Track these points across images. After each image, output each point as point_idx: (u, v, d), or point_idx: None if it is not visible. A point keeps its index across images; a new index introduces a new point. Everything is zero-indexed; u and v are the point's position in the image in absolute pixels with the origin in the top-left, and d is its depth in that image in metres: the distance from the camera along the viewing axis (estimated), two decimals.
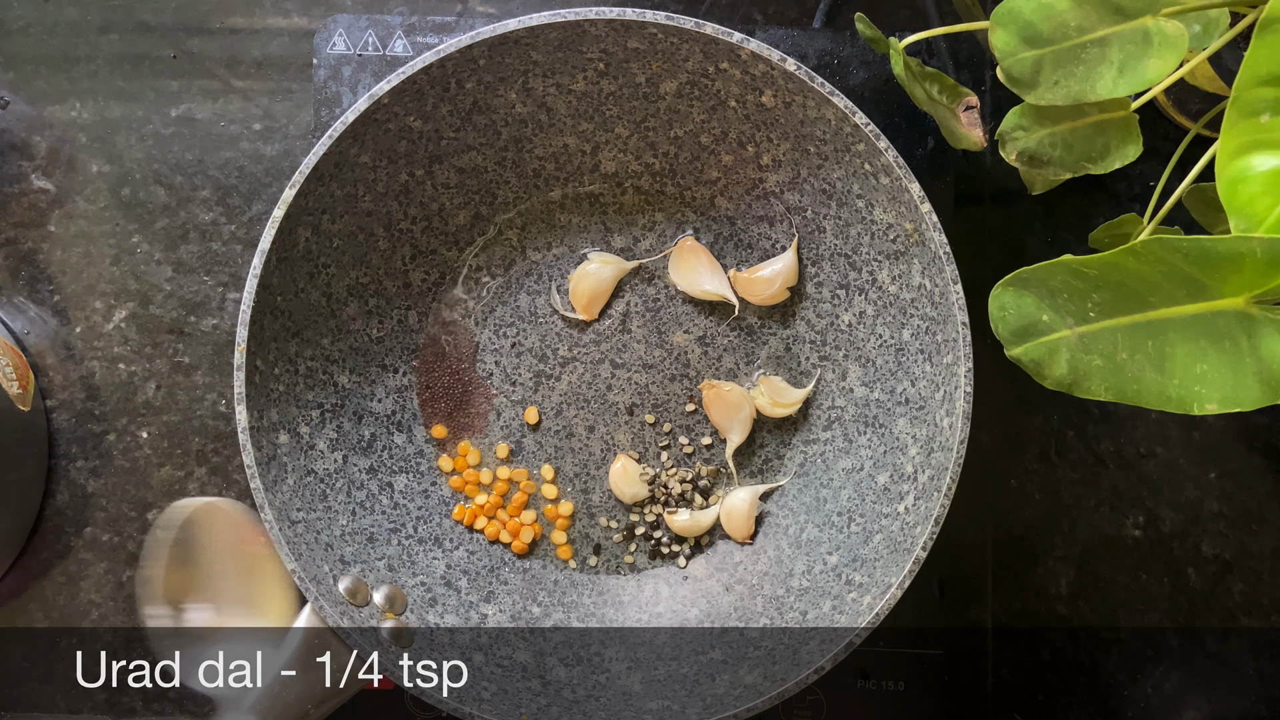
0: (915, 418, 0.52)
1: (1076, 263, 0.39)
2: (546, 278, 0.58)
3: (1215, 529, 0.59)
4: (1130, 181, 0.60)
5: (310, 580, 0.49)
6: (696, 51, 0.51)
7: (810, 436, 0.58)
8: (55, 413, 0.59)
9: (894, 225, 0.52)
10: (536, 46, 0.51)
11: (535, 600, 0.57)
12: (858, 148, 0.50)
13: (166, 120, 0.60)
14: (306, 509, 0.51)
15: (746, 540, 0.57)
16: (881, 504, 0.53)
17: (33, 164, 0.60)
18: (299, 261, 0.52)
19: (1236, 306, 0.38)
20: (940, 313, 0.50)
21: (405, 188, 0.55)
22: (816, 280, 0.57)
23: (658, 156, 0.57)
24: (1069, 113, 0.47)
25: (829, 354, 0.57)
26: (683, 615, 0.56)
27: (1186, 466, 0.60)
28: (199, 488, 0.59)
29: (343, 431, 0.55)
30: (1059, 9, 0.44)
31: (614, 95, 0.54)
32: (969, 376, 0.48)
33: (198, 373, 0.60)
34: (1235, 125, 0.37)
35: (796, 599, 0.53)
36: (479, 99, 0.53)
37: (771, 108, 0.52)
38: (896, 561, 0.49)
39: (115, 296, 0.60)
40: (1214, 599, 0.59)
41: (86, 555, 0.59)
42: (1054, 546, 0.60)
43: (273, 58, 0.60)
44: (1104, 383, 0.41)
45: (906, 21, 0.60)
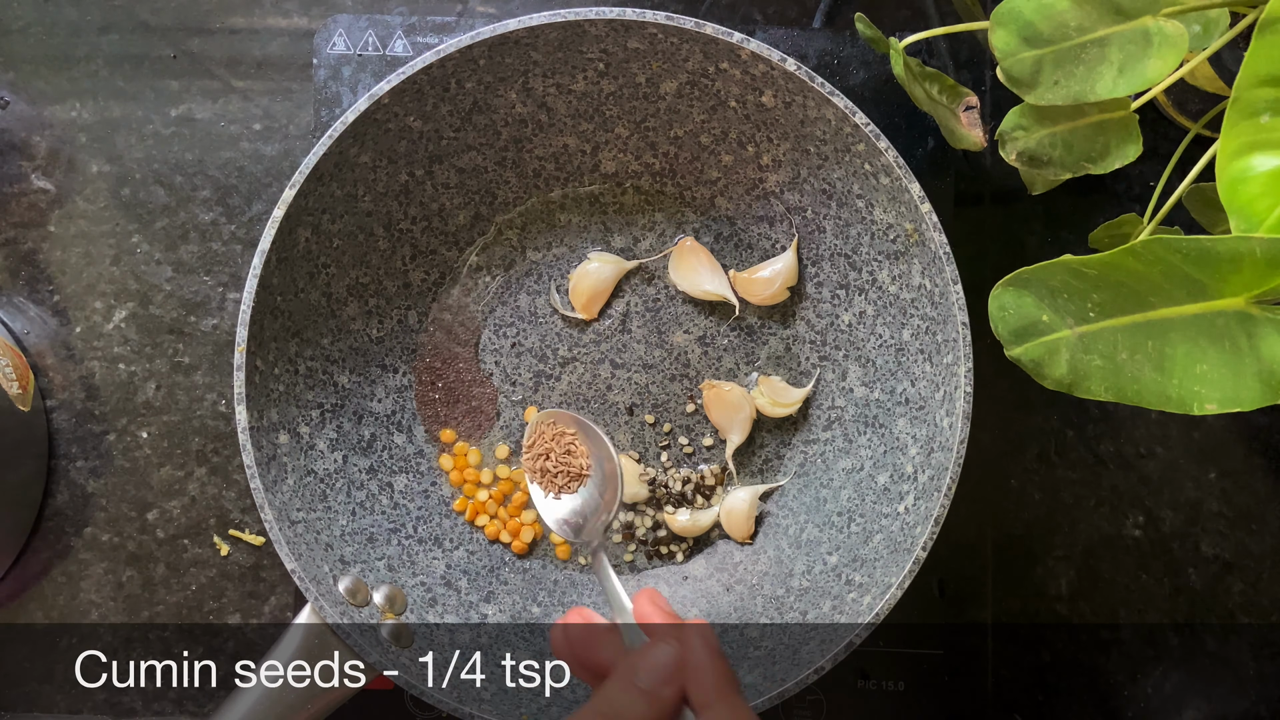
0: (915, 418, 0.52)
1: (1076, 263, 0.39)
2: (546, 277, 0.58)
3: (1215, 529, 0.59)
4: (1130, 181, 0.60)
5: (310, 580, 0.49)
6: (697, 51, 0.51)
7: (810, 436, 0.58)
8: (55, 413, 0.59)
9: (894, 225, 0.52)
10: (536, 46, 0.51)
11: (535, 600, 0.57)
12: (858, 148, 0.50)
13: (166, 120, 0.60)
14: (306, 509, 0.51)
15: (746, 540, 0.57)
16: (881, 504, 0.53)
17: (33, 164, 0.60)
18: (299, 261, 0.52)
19: (1236, 306, 0.38)
20: (940, 313, 0.50)
21: (405, 188, 0.55)
22: (816, 280, 0.57)
23: (658, 156, 0.57)
24: (1069, 113, 0.47)
25: (829, 354, 0.57)
26: (682, 615, 0.56)
27: (1186, 466, 0.60)
28: (199, 488, 0.59)
29: (343, 431, 0.55)
30: (1059, 9, 0.44)
31: (614, 95, 0.54)
32: (969, 377, 0.48)
33: (198, 373, 0.60)
34: (1235, 125, 0.37)
35: (796, 599, 0.53)
36: (479, 99, 0.53)
37: (771, 108, 0.52)
38: (896, 562, 0.49)
39: (115, 296, 0.60)
40: (1214, 599, 0.59)
41: (86, 555, 0.59)
42: (1054, 546, 0.60)
43: (273, 58, 0.60)
44: (1104, 383, 0.41)
45: (906, 21, 0.60)
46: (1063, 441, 0.60)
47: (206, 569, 0.59)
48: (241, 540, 0.59)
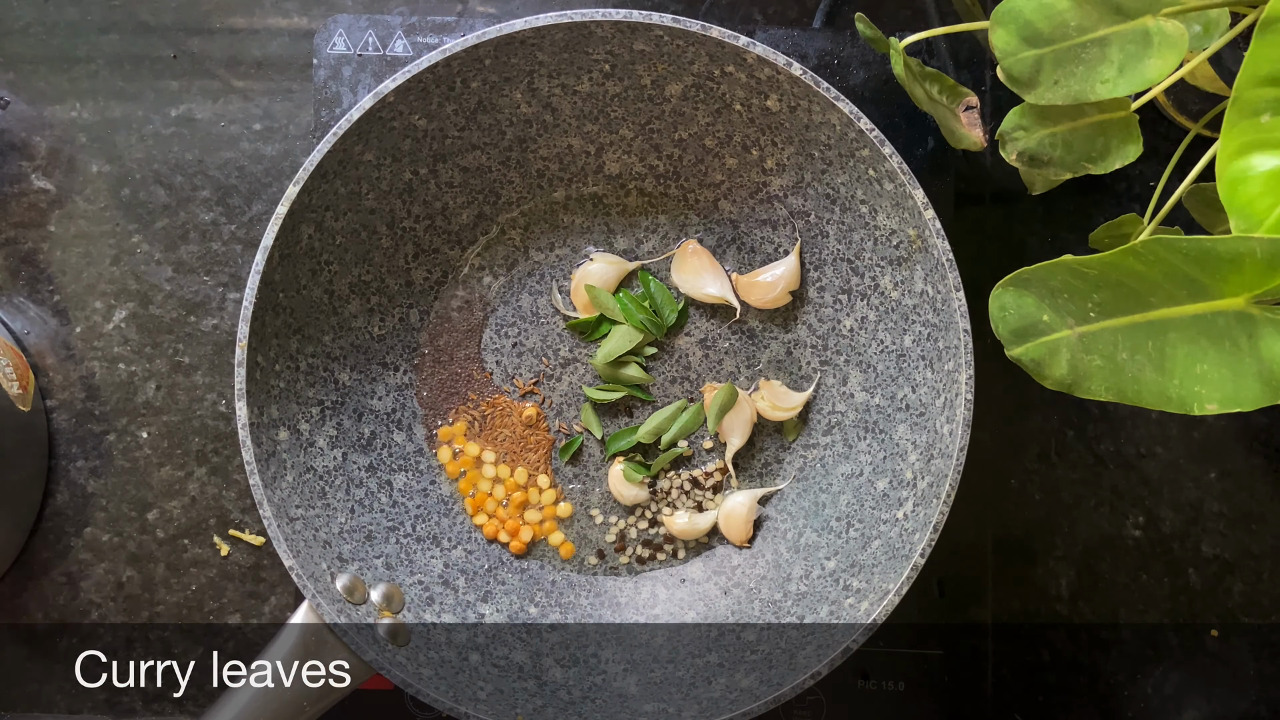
0: (915, 424, 0.52)
1: (1076, 263, 0.40)
2: (549, 278, 0.58)
3: (1215, 529, 0.60)
4: (1130, 181, 0.60)
5: (308, 577, 0.48)
6: (702, 54, 0.51)
7: (810, 441, 0.58)
8: (55, 413, 0.59)
9: (897, 231, 0.52)
10: (542, 47, 0.51)
11: (533, 601, 0.57)
12: (862, 153, 0.50)
13: (166, 120, 0.60)
14: (305, 506, 0.51)
15: (745, 544, 0.57)
16: (880, 510, 0.53)
17: (33, 164, 0.60)
18: (301, 258, 0.52)
19: (1236, 306, 0.38)
20: (942, 319, 0.50)
21: (409, 186, 0.55)
22: (819, 285, 0.57)
23: (662, 159, 0.57)
24: (1069, 113, 0.47)
25: (830, 358, 0.57)
26: (680, 618, 0.56)
27: (1186, 466, 0.60)
28: (199, 488, 0.59)
29: (342, 429, 0.55)
30: (1059, 8, 0.44)
31: (619, 97, 0.55)
32: (970, 384, 0.48)
33: (198, 373, 0.60)
34: (1235, 125, 0.37)
35: (794, 603, 0.53)
36: (484, 98, 0.53)
37: (776, 112, 0.52)
38: (895, 568, 0.49)
39: (115, 296, 0.60)
40: (1214, 599, 0.59)
41: (86, 555, 0.59)
42: (1054, 546, 0.60)
43: (273, 58, 0.61)
44: (1104, 383, 0.41)
45: (906, 21, 0.60)
46: (1063, 441, 0.60)
47: (206, 569, 0.59)
48: (241, 540, 0.59)
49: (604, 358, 0.57)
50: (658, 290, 0.58)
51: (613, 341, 0.57)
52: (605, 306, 0.57)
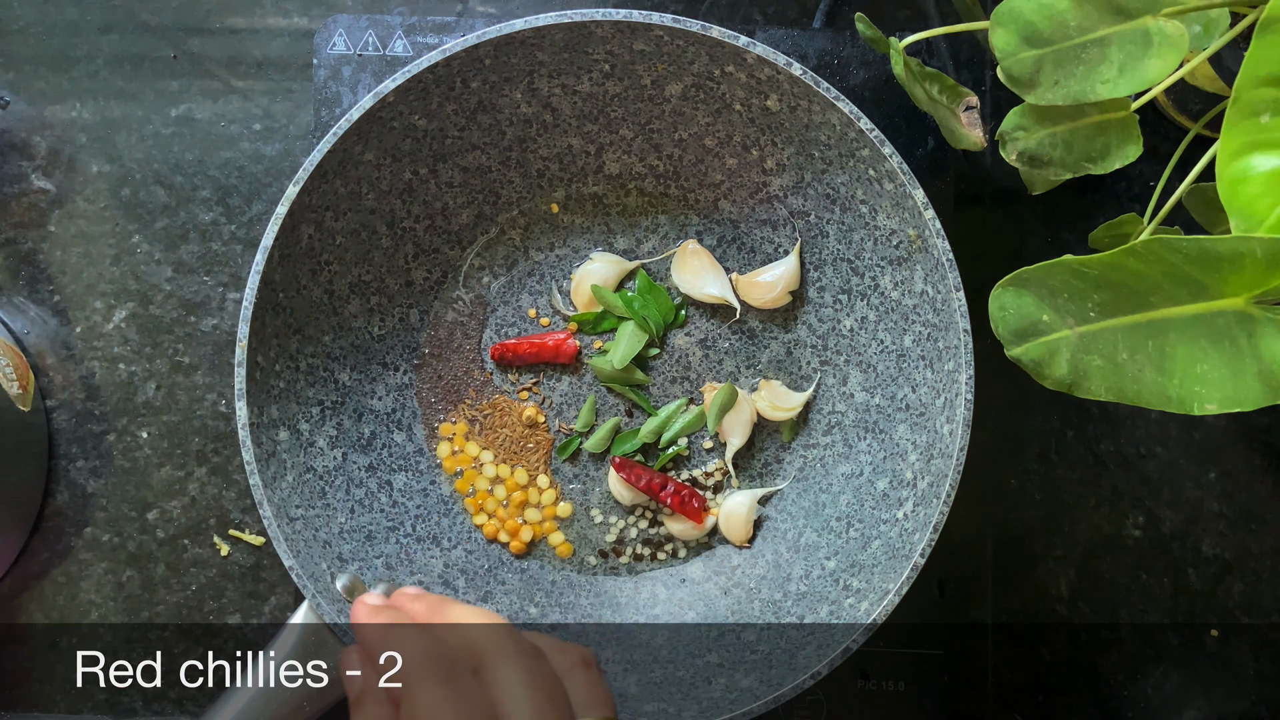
0: (915, 424, 0.52)
1: (1076, 263, 0.40)
2: (548, 278, 0.58)
3: (1215, 529, 0.60)
4: (1130, 181, 0.60)
5: (308, 577, 0.48)
6: (702, 55, 0.51)
7: (810, 441, 0.58)
8: (55, 413, 0.59)
9: (897, 231, 0.52)
10: (542, 47, 0.51)
11: (532, 601, 0.57)
12: (862, 153, 0.50)
13: (166, 120, 0.60)
14: (305, 506, 0.51)
15: (745, 544, 0.57)
16: (880, 510, 0.53)
17: (33, 164, 0.60)
18: (301, 258, 0.52)
19: (1236, 306, 0.38)
20: (942, 319, 0.50)
21: (409, 186, 0.55)
22: (819, 285, 0.57)
23: (662, 159, 0.57)
24: (1069, 113, 0.47)
25: (830, 359, 0.57)
26: (680, 618, 0.56)
27: (1186, 466, 0.60)
28: (199, 488, 0.59)
29: (343, 429, 0.55)
30: (1059, 9, 0.44)
31: (619, 97, 0.55)
32: (970, 384, 0.48)
33: (198, 373, 0.60)
34: (1235, 125, 0.37)
35: (794, 603, 0.53)
36: (484, 98, 0.53)
37: (776, 112, 0.52)
38: (894, 568, 0.49)
39: (115, 296, 0.60)
40: (1214, 599, 0.59)
41: (86, 555, 0.59)
42: (1054, 546, 0.60)
43: (273, 58, 0.61)
44: (1104, 383, 0.41)
45: (906, 21, 0.60)
46: (1063, 441, 0.60)
47: (206, 569, 0.59)
48: (241, 540, 0.59)
49: (620, 361, 0.56)
50: (652, 290, 0.58)
51: (623, 344, 0.57)
52: (611, 304, 0.57)
